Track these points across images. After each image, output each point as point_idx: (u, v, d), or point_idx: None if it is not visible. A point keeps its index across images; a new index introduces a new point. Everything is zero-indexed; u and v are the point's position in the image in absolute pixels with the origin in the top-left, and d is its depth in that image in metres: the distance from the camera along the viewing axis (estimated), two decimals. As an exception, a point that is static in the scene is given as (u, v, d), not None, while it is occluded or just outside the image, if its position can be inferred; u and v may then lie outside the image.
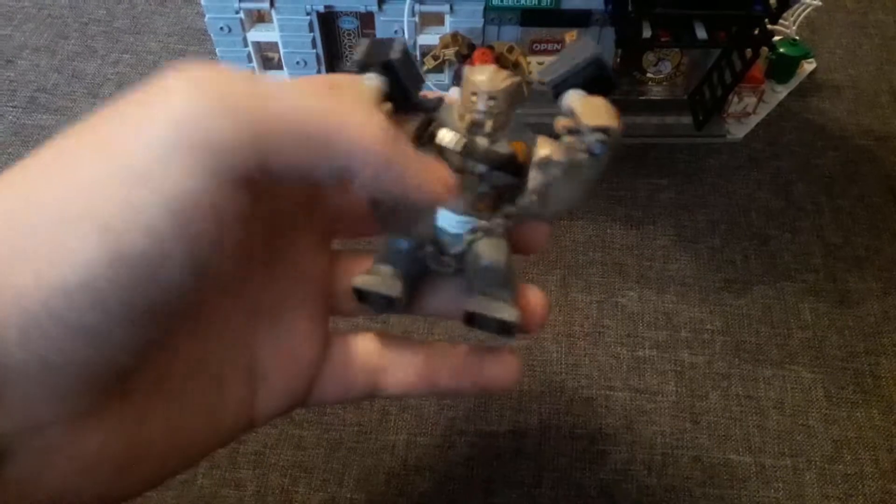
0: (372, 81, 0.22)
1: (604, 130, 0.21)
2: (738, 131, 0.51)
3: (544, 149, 0.22)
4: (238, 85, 0.17)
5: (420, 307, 0.25)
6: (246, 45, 0.46)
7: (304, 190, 0.24)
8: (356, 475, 0.37)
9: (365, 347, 0.25)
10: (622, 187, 0.49)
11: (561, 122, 0.22)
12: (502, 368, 0.25)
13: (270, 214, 0.22)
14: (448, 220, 0.24)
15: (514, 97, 0.22)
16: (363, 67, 0.22)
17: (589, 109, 0.21)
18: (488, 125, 0.22)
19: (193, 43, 0.55)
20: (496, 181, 0.23)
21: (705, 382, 0.40)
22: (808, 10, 0.52)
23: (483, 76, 0.22)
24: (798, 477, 0.37)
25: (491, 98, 0.22)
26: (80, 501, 0.18)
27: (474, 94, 0.22)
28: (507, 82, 0.22)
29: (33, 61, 0.54)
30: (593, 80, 0.22)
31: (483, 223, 0.23)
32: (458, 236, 0.24)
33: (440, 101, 0.23)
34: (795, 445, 0.38)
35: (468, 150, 0.22)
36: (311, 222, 0.24)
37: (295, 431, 0.38)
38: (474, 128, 0.22)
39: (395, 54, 0.22)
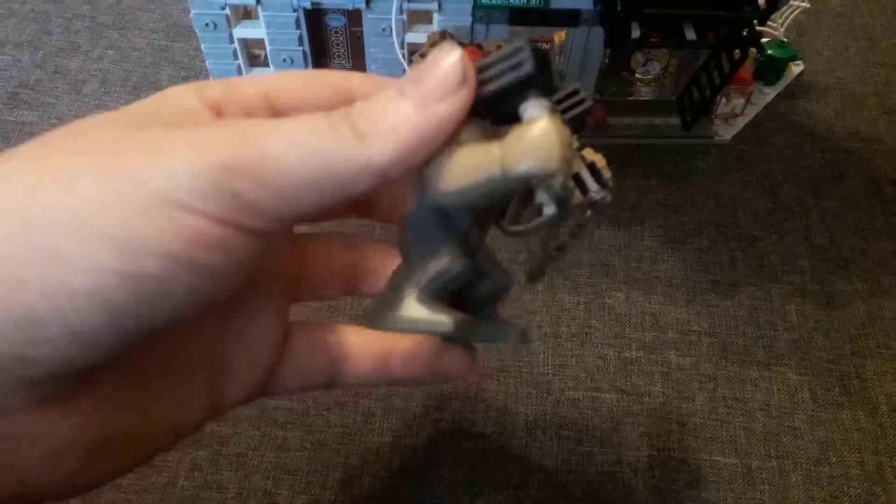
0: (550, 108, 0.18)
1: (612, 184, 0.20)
2: (725, 133, 0.51)
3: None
4: (259, 145, 0.17)
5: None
6: (232, 41, 0.46)
7: None
8: (340, 477, 0.37)
9: (324, 338, 0.25)
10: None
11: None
12: (458, 357, 0.25)
13: None
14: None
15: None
16: (531, 84, 0.19)
17: (605, 165, 0.20)
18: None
19: (179, 39, 0.55)
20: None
21: (692, 384, 0.40)
22: (796, 12, 0.52)
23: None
24: (784, 479, 0.37)
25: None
26: (50, 487, 0.18)
27: (579, 175, 0.20)
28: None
29: (15, 56, 0.53)
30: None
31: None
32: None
33: None
34: (781, 447, 0.38)
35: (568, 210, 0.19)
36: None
37: (278, 433, 0.38)
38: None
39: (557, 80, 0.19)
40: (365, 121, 0.18)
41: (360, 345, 0.25)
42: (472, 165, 0.18)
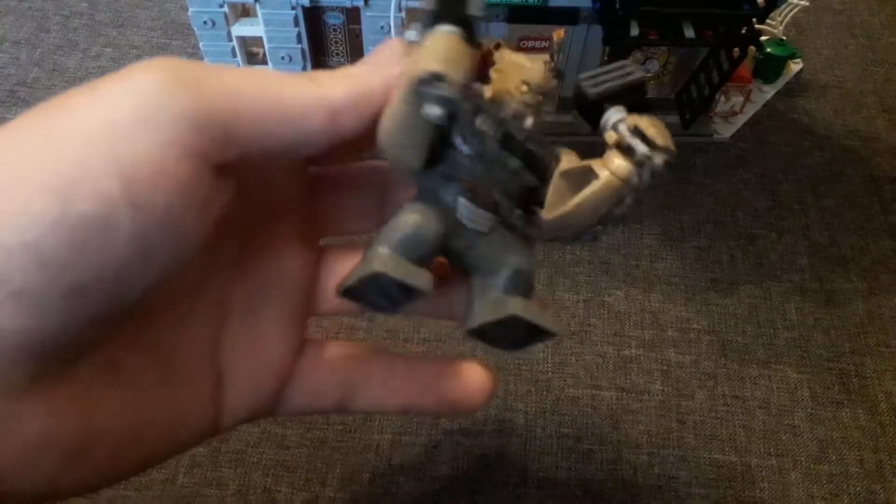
0: (452, 34, 0.19)
1: (670, 152, 0.19)
2: (724, 131, 0.51)
3: (569, 159, 0.21)
4: (198, 66, 0.17)
5: (418, 307, 0.23)
6: (230, 39, 0.45)
7: (287, 188, 0.23)
8: (340, 474, 0.37)
9: (338, 357, 0.24)
10: (609, 186, 0.48)
11: (612, 136, 0.20)
12: (470, 385, 0.23)
13: (243, 212, 0.21)
14: (465, 212, 0.22)
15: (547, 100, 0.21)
16: (436, 19, 0.20)
17: (655, 129, 0.20)
18: (530, 122, 0.20)
19: (177, 37, 0.55)
20: (522, 179, 0.21)
21: (691, 382, 0.40)
22: (795, 10, 0.52)
23: (538, 67, 0.20)
24: (783, 477, 0.37)
25: (541, 93, 0.20)
26: (30, 488, 0.17)
27: (525, 83, 0.20)
28: (554, 83, 0.20)
29: (13, 54, 0.53)
30: (636, 103, 0.21)
31: (499, 223, 0.22)
32: (469, 228, 0.22)
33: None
34: (781, 445, 0.38)
35: (506, 141, 0.20)
36: (292, 221, 0.23)
37: (278, 430, 0.38)
38: (514, 118, 0.20)
39: (475, 9, 0.19)
40: (323, 76, 0.19)
41: (376, 370, 0.24)
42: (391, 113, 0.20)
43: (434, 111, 0.19)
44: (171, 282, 0.18)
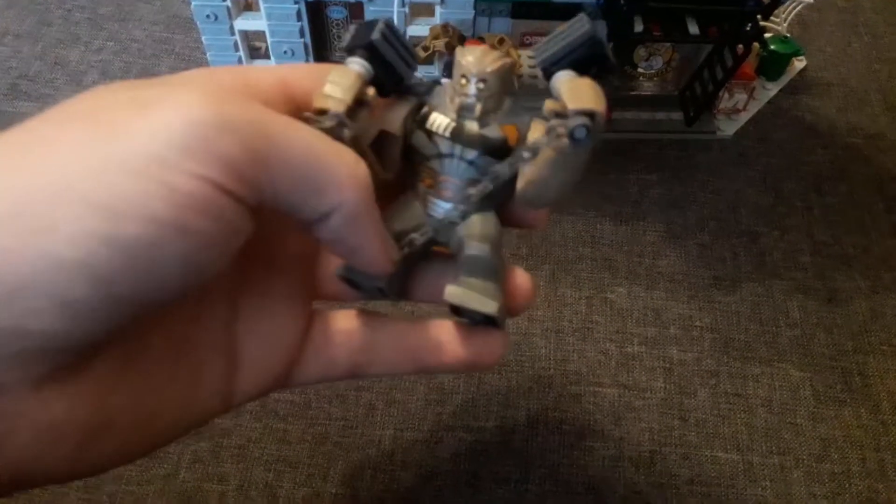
0: (354, 66, 0.21)
1: (588, 114, 0.19)
2: (728, 128, 0.51)
3: (536, 133, 0.22)
4: (249, 110, 0.18)
5: (414, 294, 0.25)
6: (233, 33, 0.45)
7: None
8: (341, 470, 0.36)
9: (347, 326, 0.25)
10: (612, 183, 0.48)
11: (549, 105, 0.21)
12: (487, 344, 0.24)
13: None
14: (439, 209, 0.23)
15: (506, 79, 0.22)
16: (349, 51, 0.21)
17: (575, 91, 0.20)
18: (478, 109, 0.21)
19: (179, 31, 0.54)
20: (486, 167, 0.22)
21: (694, 379, 0.40)
22: (799, 7, 0.52)
23: (472, 57, 0.21)
24: (785, 475, 0.37)
25: (481, 80, 0.21)
26: (46, 469, 0.18)
27: (464, 76, 0.21)
28: (498, 64, 0.21)
29: (15, 48, 0.53)
30: (588, 60, 0.21)
31: (454, 207, 0.23)
32: (448, 224, 0.23)
33: (435, 83, 0.23)
34: (783, 443, 0.38)
35: (457, 135, 0.22)
36: None
37: (279, 425, 0.38)
38: (464, 112, 0.22)
39: (376, 35, 0.21)
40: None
41: (386, 333, 0.25)
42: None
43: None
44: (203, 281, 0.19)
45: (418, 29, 0.45)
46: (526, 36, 0.47)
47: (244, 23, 0.45)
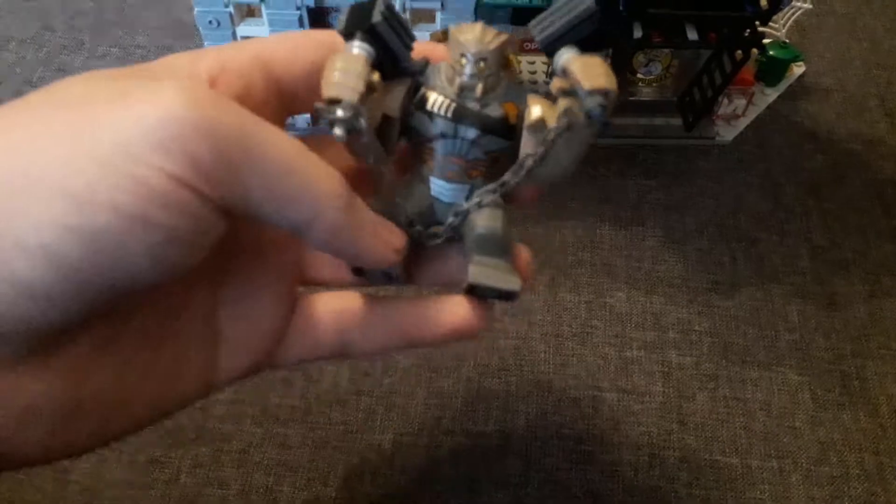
0: (357, 50, 0.20)
1: (603, 93, 0.20)
2: (727, 133, 0.51)
3: (536, 109, 0.22)
4: (229, 113, 0.17)
5: (420, 278, 0.25)
6: (235, 39, 0.46)
7: None
8: (342, 474, 0.37)
9: (332, 306, 0.25)
10: (611, 188, 0.49)
11: (556, 84, 0.21)
12: (473, 312, 0.24)
13: None
14: (442, 189, 0.23)
15: (505, 56, 0.22)
16: (348, 35, 0.21)
17: (587, 70, 0.20)
18: (479, 89, 0.21)
19: (182, 37, 0.55)
20: (488, 146, 0.22)
21: (692, 383, 0.40)
22: (798, 13, 0.53)
23: (471, 36, 0.21)
24: (784, 479, 0.37)
25: (481, 59, 0.21)
26: (23, 450, 0.18)
27: (463, 55, 0.21)
28: (498, 42, 0.21)
29: (19, 54, 0.53)
30: (587, 36, 0.21)
31: (478, 193, 0.23)
32: (451, 205, 0.23)
33: (426, 62, 0.22)
34: (782, 447, 0.38)
35: (458, 116, 0.22)
36: None
37: (280, 430, 0.38)
38: (465, 92, 0.21)
39: (377, 17, 0.20)
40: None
41: (372, 312, 0.25)
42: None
43: (337, 132, 0.19)
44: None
45: (419, 34, 0.45)
46: (526, 42, 0.47)
47: (246, 29, 0.45)
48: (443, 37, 0.46)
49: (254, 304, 0.24)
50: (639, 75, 0.51)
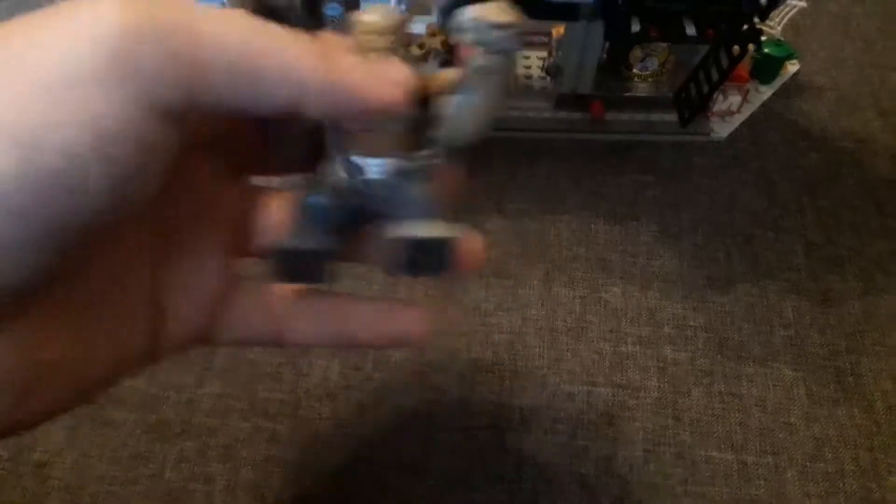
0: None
1: (509, 26, 0.20)
2: (722, 130, 0.51)
3: (449, 71, 0.22)
4: (170, 10, 0.16)
5: (357, 256, 0.24)
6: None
7: (217, 123, 0.23)
8: (331, 470, 0.36)
9: (270, 296, 0.24)
10: (606, 183, 0.48)
11: (462, 50, 0.21)
12: (412, 320, 0.24)
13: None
14: (368, 166, 0.22)
15: (405, 32, 0.21)
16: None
17: (489, 11, 0.20)
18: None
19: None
20: (408, 118, 0.22)
21: (688, 379, 0.40)
22: (793, 11, 0.53)
23: (373, 17, 0.21)
24: (779, 474, 0.37)
25: (382, 34, 0.21)
26: None
27: (364, 33, 0.21)
28: (397, 20, 0.21)
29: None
30: None
31: (407, 163, 0.22)
32: (380, 182, 0.22)
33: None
34: (777, 443, 0.38)
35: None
36: (216, 150, 0.23)
37: (268, 425, 0.37)
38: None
39: None
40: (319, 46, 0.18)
41: (311, 305, 0.24)
42: None
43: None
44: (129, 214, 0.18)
45: (416, 27, 0.45)
46: (523, 35, 0.47)
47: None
48: (438, 30, 0.46)
49: (192, 273, 0.23)
50: (635, 71, 0.50)
